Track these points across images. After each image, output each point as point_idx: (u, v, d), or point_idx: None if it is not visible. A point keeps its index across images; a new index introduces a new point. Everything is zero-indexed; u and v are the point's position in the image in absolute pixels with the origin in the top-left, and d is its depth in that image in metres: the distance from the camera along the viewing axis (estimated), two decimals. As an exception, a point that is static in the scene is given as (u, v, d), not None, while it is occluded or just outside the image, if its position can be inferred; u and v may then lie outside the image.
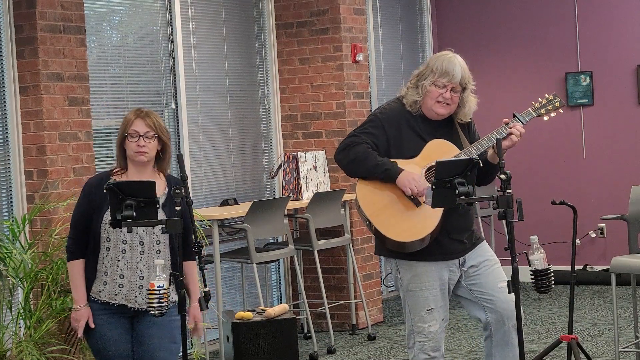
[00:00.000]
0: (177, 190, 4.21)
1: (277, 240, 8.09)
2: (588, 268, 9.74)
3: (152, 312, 4.21)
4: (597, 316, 8.21)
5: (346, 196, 7.96)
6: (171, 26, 7.51)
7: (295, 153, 7.96)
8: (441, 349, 4.71)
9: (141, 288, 4.47)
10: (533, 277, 4.37)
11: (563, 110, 4.92)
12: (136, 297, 4.49)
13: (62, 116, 6.26)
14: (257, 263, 7.12)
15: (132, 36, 7.36)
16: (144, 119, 4.53)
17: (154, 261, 4.41)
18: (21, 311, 5.76)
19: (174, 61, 7.52)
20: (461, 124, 4.76)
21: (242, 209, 7.20)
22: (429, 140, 4.66)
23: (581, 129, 9.87)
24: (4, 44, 6.25)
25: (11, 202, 6.28)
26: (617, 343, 6.19)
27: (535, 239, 4.40)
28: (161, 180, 4.58)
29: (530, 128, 4.66)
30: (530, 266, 4.43)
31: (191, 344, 6.85)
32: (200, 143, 7.74)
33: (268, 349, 6.36)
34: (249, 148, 8.24)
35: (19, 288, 5.92)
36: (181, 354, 4.32)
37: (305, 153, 7.99)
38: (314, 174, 8.03)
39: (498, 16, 10.20)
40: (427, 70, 4.66)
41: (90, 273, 4.53)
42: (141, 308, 4.49)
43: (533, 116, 4.77)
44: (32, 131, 6.22)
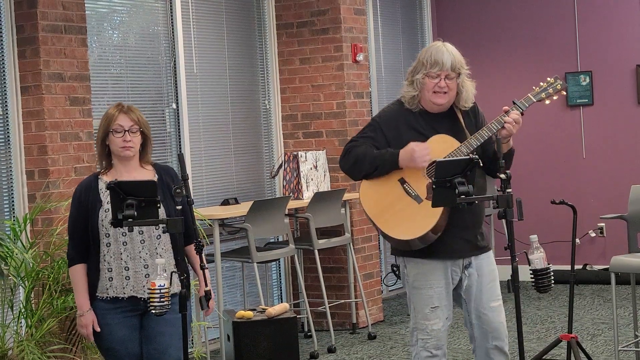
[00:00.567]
0: (178, 189, 4.23)
1: (278, 239, 8.10)
2: (588, 267, 9.76)
3: (153, 312, 4.22)
4: (597, 315, 8.22)
5: (346, 196, 7.97)
6: (172, 26, 7.52)
7: (295, 153, 7.97)
8: (443, 348, 4.72)
9: (147, 277, 4.48)
10: (533, 277, 4.39)
11: (565, 92, 4.89)
12: (144, 287, 4.49)
13: (63, 116, 6.28)
14: (258, 262, 7.13)
15: (133, 36, 7.37)
16: (128, 114, 4.54)
17: (155, 260, 4.43)
18: (22, 310, 5.77)
19: (175, 61, 7.54)
20: (464, 112, 4.73)
21: (243, 209, 7.21)
22: (430, 136, 4.67)
23: (581, 129, 9.88)
24: (6, 44, 6.26)
25: (12, 202, 6.29)
26: (617, 342, 6.20)
27: (535, 239, 4.41)
28: (148, 170, 4.61)
29: (530, 127, 4.68)
30: (530, 265, 4.44)
31: (192, 343, 6.87)
32: (201, 143, 7.75)
33: (269, 348, 6.37)
34: (250, 148, 8.25)
35: (20, 287, 5.93)
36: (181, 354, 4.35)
37: (305, 153, 8.00)
38: (315, 174, 8.04)
39: (498, 16, 10.21)
40: (419, 64, 4.67)
41: (93, 275, 4.54)
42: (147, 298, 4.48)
43: (533, 101, 4.72)
44: (34, 131, 6.23)
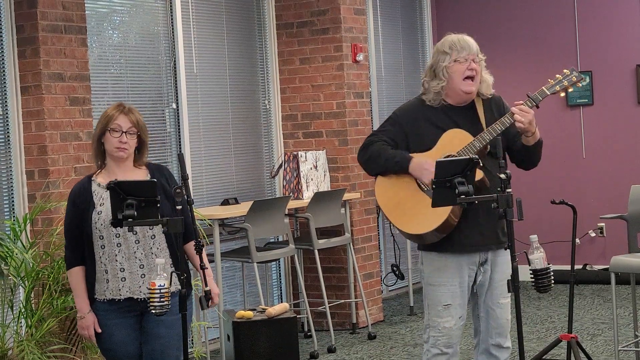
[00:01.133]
0: (179, 189, 4.23)
1: (278, 239, 8.10)
2: (588, 267, 9.76)
3: (153, 312, 4.22)
4: (597, 315, 8.22)
5: (346, 195, 7.97)
6: (172, 26, 7.52)
7: (295, 152, 7.97)
8: (454, 347, 4.72)
9: (143, 277, 4.48)
10: (533, 277, 4.38)
11: (581, 83, 4.86)
12: (140, 287, 4.49)
13: (63, 116, 6.28)
14: (258, 262, 7.13)
15: (133, 36, 7.37)
16: (127, 115, 4.54)
17: (155, 260, 4.43)
18: (22, 310, 5.77)
19: (175, 61, 7.54)
20: (486, 105, 4.73)
21: (243, 209, 7.21)
22: (449, 130, 4.69)
23: (581, 129, 9.88)
24: (6, 44, 6.26)
25: (12, 202, 6.30)
26: (617, 342, 6.21)
27: (535, 239, 4.41)
28: (142, 169, 4.62)
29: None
30: (530, 265, 4.44)
31: (192, 343, 6.87)
32: (201, 143, 7.76)
33: (268, 348, 6.37)
34: (250, 148, 8.25)
35: (20, 287, 5.93)
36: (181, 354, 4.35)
37: (305, 152, 8.01)
38: (315, 174, 8.05)
39: (498, 16, 10.22)
40: (441, 54, 4.68)
41: (91, 277, 4.54)
42: (147, 298, 4.48)
43: (547, 94, 4.70)
44: (34, 131, 6.23)
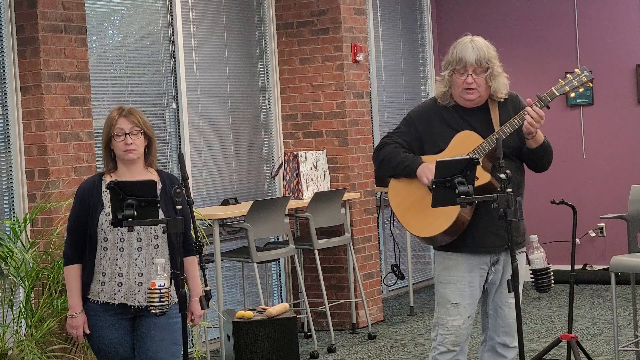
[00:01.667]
0: (179, 189, 4.23)
1: (278, 239, 8.10)
2: (588, 267, 9.76)
3: (153, 311, 4.22)
4: (597, 315, 8.22)
5: (346, 195, 7.97)
6: (172, 26, 7.52)
7: (295, 152, 7.97)
8: (462, 345, 4.72)
9: (140, 285, 4.47)
10: (533, 276, 4.39)
11: (591, 83, 4.82)
12: (135, 295, 4.48)
13: (63, 116, 6.28)
14: (258, 262, 7.13)
15: (133, 36, 7.37)
16: (128, 117, 4.53)
17: (155, 260, 4.42)
18: (22, 310, 5.77)
19: (175, 61, 7.54)
20: (501, 105, 4.72)
21: (243, 209, 7.21)
22: (462, 130, 4.69)
23: (581, 129, 9.88)
24: (5, 44, 6.26)
25: (12, 202, 6.29)
26: (617, 342, 6.20)
27: (535, 239, 4.41)
28: (153, 175, 4.60)
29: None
30: (530, 265, 4.45)
31: (192, 343, 6.87)
32: (201, 143, 7.76)
33: (268, 348, 6.38)
34: (250, 147, 8.25)
35: (20, 287, 5.93)
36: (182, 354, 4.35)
37: (305, 152, 8.01)
38: (315, 174, 8.05)
39: (498, 16, 10.22)
40: (447, 61, 4.71)
41: (87, 276, 4.52)
42: (141, 306, 4.48)
43: (556, 95, 4.68)
44: (34, 131, 6.23)
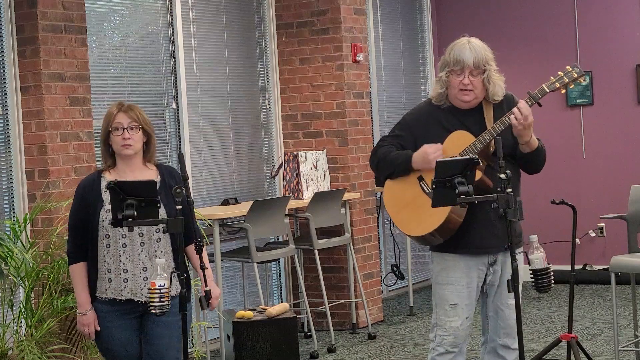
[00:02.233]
0: (179, 189, 4.23)
1: (278, 239, 8.10)
2: (588, 267, 9.76)
3: (153, 311, 4.22)
4: (597, 315, 8.22)
5: (346, 196, 7.98)
6: (172, 26, 7.52)
7: (295, 152, 7.97)
8: (460, 346, 4.71)
9: (145, 280, 4.47)
10: (533, 277, 4.39)
11: (582, 80, 4.82)
12: (142, 290, 4.49)
13: (63, 116, 6.28)
14: (258, 262, 7.13)
15: (133, 36, 7.37)
16: (126, 112, 4.54)
17: (155, 260, 4.42)
18: (22, 310, 5.77)
19: (175, 61, 7.54)
20: (497, 106, 4.72)
21: (243, 209, 7.21)
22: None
23: (581, 129, 9.88)
24: (6, 44, 6.26)
25: (12, 202, 6.30)
26: (617, 342, 6.21)
27: (534, 239, 4.41)
28: (152, 170, 4.60)
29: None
30: (530, 265, 4.44)
31: (192, 343, 6.87)
32: (201, 143, 7.76)
33: (269, 348, 6.38)
34: (250, 148, 8.25)
35: (20, 287, 5.93)
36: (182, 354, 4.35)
37: (305, 152, 8.01)
38: (315, 174, 8.05)
39: (498, 16, 10.22)
40: (444, 61, 4.71)
41: (93, 274, 4.53)
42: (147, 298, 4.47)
43: (547, 92, 4.68)
44: (34, 131, 6.23)
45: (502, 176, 4.20)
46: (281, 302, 7.99)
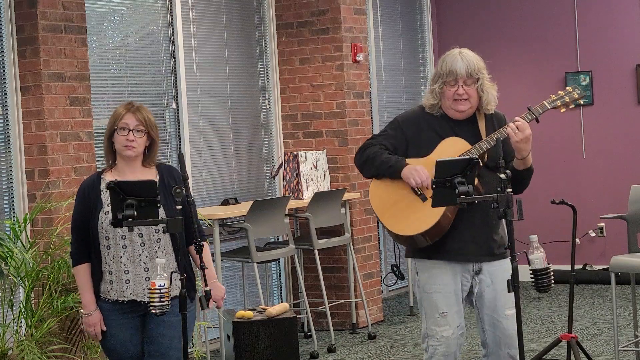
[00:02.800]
0: (178, 189, 4.22)
1: (278, 239, 8.10)
2: (588, 267, 9.76)
3: (153, 311, 4.23)
4: (597, 315, 8.22)
5: (346, 195, 7.98)
6: (172, 26, 7.53)
7: (295, 152, 7.97)
8: (453, 355, 4.69)
9: (147, 280, 4.47)
10: (533, 276, 4.38)
11: (582, 101, 4.81)
12: (144, 290, 4.49)
13: (63, 116, 6.28)
14: (258, 262, 7.14)
15: (133, 36, 7.37)
16: (135, 114, 4.53)
17: (155, 260, 4.42)
18: (22, 310, 5.77)
19: (175, 61, 7.54)
20: (488, 118, 4.73)
21: (243, 209, 7.21)
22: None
23: (581, 129, 9.88)
24: (6, 44, 6.26)
25: (12, 202, 6.30)
26: (617, 342, 6.20)
27: (534, 238, 4.41)
28: (152, 170, 4.61)
29: (530, 127, 4.65)
30: (530, 265, 4.44)
31: (192, 343, 6.87)
32: (201, 143, 7.76)
33: (269, 348, 6.38)
34: (250, 147, 8.25)
35: (20, 287, 5.93)
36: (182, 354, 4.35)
37: (305, 152, 8.01)
38: (315, 174, 8.05)
39: (498, 16, 10.22)
40: (436, 74, 4.72)
41: (96, 275, 4.54)
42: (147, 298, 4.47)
43: (547, 108, 4.68)
44: (34, 131, 6.23)
45: (502, 176, 4.19)
46: (281, 302, 7.99)
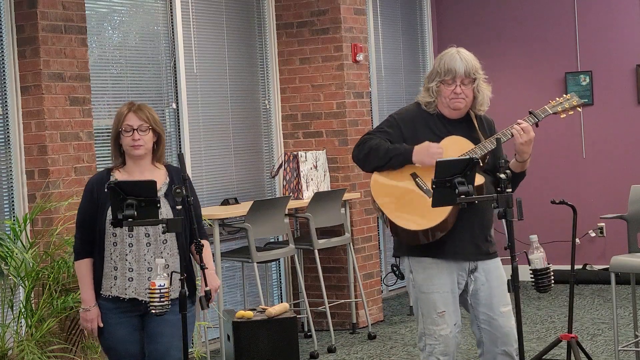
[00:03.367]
0: (178, 189, 4.22)
1: (278, 239, 8.10)
2: (588, 267, 9.76)
3: (153, 311, 4.23)
4: (597, 315, 8.22)
5: (346, 195, 7.98)
6: (172, 26, 7.53)
7: (295, 152, 7.97)
8: (451, 354, 4.69)
9: (150, 279, 4.47)
10: (533, 276, 4.39)
11: (581, 108, 4.84)
12: (146, 289, 4.48)
13: (63, 116, 6.28)
14: (258, 262, 7.13)
15: (133, 36, 7.37)
16: (137, 113, 4.54)
17: (155, 260, 4.43)
18: (22, 310, 5.77)
19: (175, 61, 7.54)
20: (479, 119, 4.76)
21: (243, 209, 7.21)
22: (444, 137, 4.69)
23: (581, 129, 9.88)
24: (6, 44, 6.26)
25: (12, 202, 6.30)
26: (617, 342, 6.20)
27: (535, 238, 4.41)
28: (161, 170, 4.61)
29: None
30: (530, 265, 4.44)
31: (192, 343, 6.87)
32: (201, 142, 7.76)
33: (269, 348, 6.37)
34: (250, 147, 8.25)
35: (20, 287, 5.93)
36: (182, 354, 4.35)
37: (305, 152, 8.01)
38: (315, 174, 8.05)
39: (498, 16, 10.22)
40: (433, 72, 4.73)
41: (98, 271, 4.54)
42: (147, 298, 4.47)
43: (549, 113, 4.72)
44: (34, 131, 6.23)
45: (502, 176, 4.20)
46: (281, 302, 7.99)
